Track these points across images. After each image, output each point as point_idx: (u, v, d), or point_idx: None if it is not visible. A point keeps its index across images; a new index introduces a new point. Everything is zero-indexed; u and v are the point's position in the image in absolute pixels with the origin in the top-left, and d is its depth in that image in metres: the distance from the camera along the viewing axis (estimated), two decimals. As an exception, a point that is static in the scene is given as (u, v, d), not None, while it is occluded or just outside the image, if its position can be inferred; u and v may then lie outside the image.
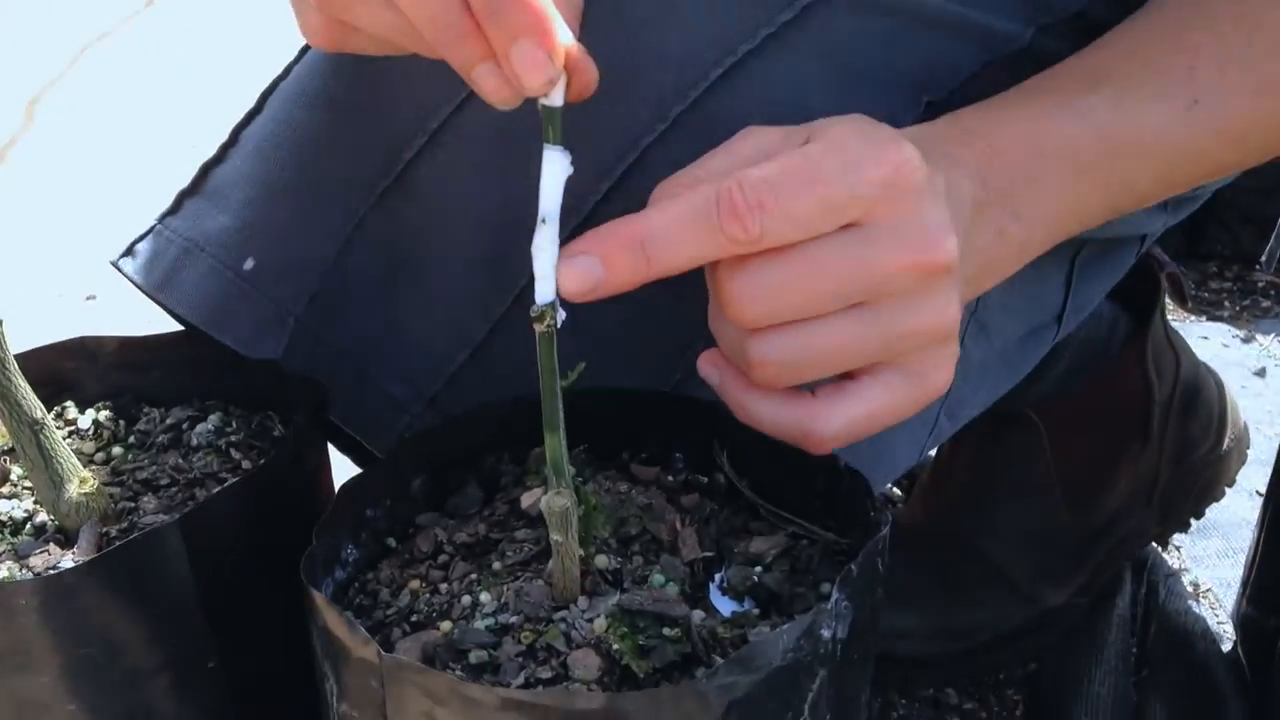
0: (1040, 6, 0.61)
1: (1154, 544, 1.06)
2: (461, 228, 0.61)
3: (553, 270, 0.45)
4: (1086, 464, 0.96)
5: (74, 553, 0.54)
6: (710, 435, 0.58)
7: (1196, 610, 1.00)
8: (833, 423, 0.49)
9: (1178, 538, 1.08)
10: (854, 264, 0.46)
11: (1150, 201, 0.59)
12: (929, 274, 0.47)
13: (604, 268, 0.46)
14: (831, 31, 0.57)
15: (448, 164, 0.60)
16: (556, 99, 0.44)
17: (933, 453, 1.14)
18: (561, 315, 0.46)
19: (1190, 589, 1.04)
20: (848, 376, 0.50)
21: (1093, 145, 0.54)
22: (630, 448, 0.60)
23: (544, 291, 0.45)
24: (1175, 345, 0.97)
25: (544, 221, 0.45)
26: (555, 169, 0.45)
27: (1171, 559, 1.08)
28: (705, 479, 0.57)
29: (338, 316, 0.64)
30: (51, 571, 0.52)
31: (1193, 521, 1.02)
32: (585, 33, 0.47)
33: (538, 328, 0.45)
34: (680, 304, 0.59)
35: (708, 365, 0.52)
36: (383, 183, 0.62)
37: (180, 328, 0.68)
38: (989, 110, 0.55)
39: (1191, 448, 0.98)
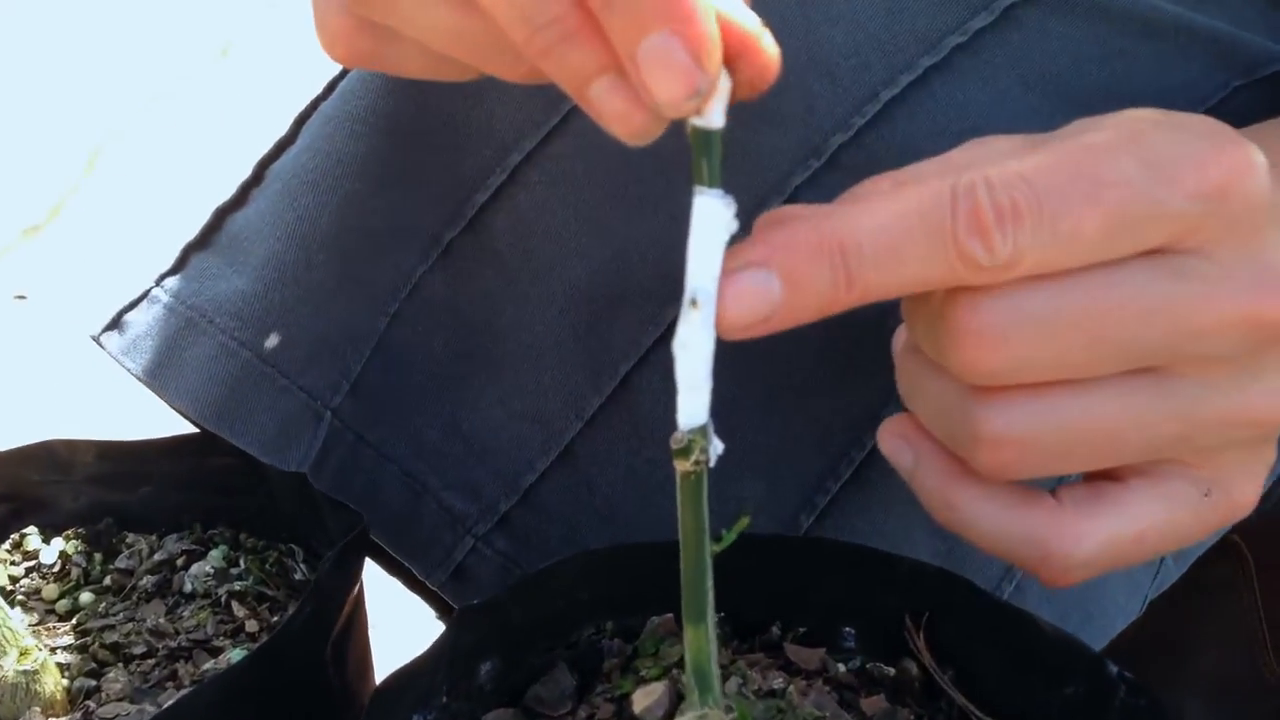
0: None
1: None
2: (548, 293, 0.49)
3: (707, 376, 0.29)
4: (1301, 602, 0.80)
5: (2, 759, 0.39)
6: (897, 603, 0.41)
7: None
8: (1085, 541, 0.36)
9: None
10: (1155, 305, 0.33)
11: None
12: (1264, 336, 0.34)
13: (785, 286, 0.32)
14: (1038, 42, 0.47)
15: (533, 210, 0.48)
16: (715, 118, 0.29)
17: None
18: (718, 447, 0.30)
19: None
20: (1108, 476, 0.37)
21: None
22: (779, 617, 0.43)
23: (693, 409, 0.29)
24: None
25: (694, 303, 0.29)
26: (711, 222, 0.30)
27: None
28: (891, 670, 0.40)
29: (384, 409, 0.52)
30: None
31: None
32: None
33: (681, 465, 0.30)
34: (839, 396, 0.44)
35: (895, 438, 0.38)
36: (448, 234, 0.50)
37: (180, 430, 0.54)
38: None
39: None
